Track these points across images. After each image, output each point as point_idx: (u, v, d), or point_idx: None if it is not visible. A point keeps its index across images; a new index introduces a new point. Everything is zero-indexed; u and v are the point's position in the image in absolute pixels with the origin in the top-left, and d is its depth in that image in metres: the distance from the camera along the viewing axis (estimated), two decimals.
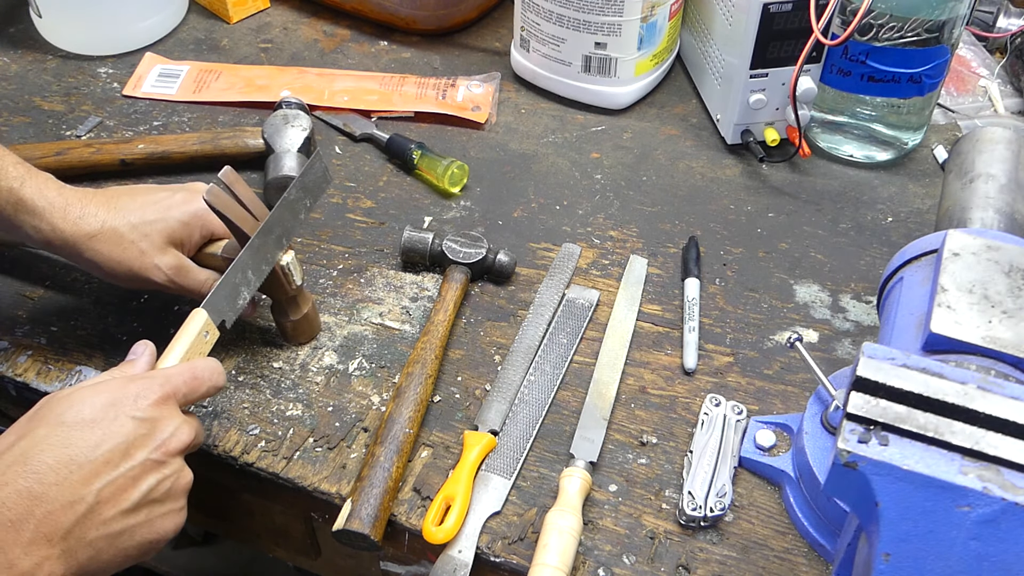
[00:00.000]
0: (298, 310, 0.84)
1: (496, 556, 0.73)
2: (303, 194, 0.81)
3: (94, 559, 0.59)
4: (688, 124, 1.10)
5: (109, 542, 0.60)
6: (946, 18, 0.91)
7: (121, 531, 0.60)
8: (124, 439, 0.61)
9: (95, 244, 0.76)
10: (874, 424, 0.54)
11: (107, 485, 0.59)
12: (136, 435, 0.61)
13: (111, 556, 0.60)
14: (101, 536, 0.59)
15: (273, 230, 0.78)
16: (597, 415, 0.81)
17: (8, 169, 0.75)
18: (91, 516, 0.58)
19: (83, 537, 0.58)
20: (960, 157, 0.80)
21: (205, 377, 0.68)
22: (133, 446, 0.61)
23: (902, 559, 0.53)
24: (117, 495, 0.60)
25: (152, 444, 0.62)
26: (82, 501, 0.58)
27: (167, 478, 0.63)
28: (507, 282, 0.93)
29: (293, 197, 0.80)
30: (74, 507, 0.58)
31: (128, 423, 0.61)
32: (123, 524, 0.60)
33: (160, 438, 0.62)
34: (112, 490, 0.59)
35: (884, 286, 0.76)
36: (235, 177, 0.77)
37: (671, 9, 1.05)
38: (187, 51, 1.18)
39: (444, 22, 1.19)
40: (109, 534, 0.59)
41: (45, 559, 0.56)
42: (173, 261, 0.78)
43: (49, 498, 0.57)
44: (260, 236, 0.77)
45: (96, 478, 0.59)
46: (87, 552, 0.58)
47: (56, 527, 0.57)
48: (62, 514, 0.57)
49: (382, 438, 0.76)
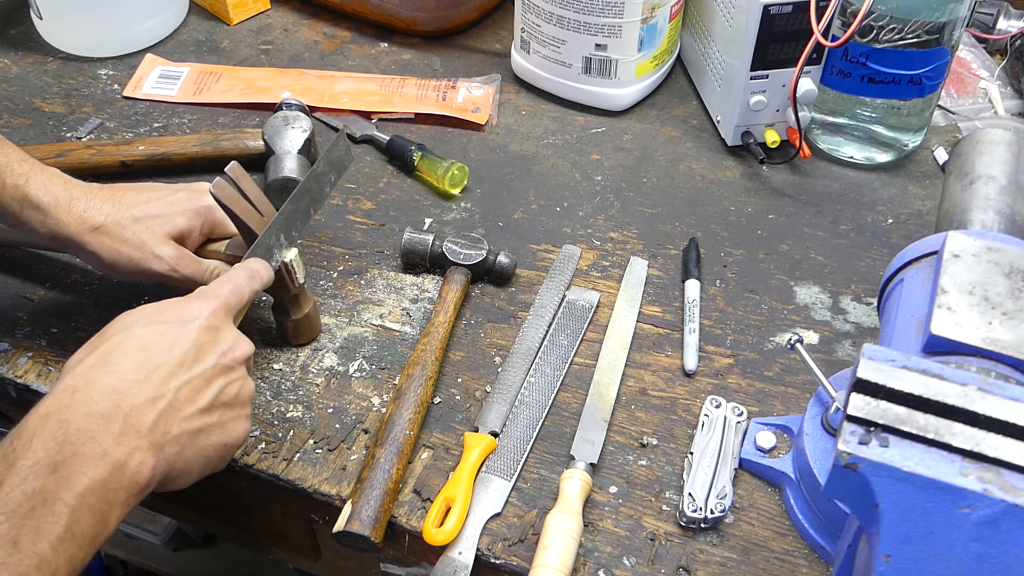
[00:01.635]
0: (299, 309, 0.84)
1: (496, 558, 0.73)
2: (329, 168, 0.85)
3: (179, 456, 0.62)
4: (688, 126, 1.10)
5: (190, 439, 0.63)
6: (946, 20, 0.92)
7: (200, 429, 0.63)
8: (193, 344, 0.64)
9: (98, 236, 0.77)
10: (874, 426, 0.54)
11: (184, 384, 0.63)
12: (203, 341, 0.65)
13: (193, 455, 0.63)
14: (183, 432, 0.62)
15: (303, 198, 0.82)
16: (597, 417, 0.81)
17: (13, 166, 0.76)
18: (172, 412, 0.62)
19: (168, 431, 0.61)
20: (960, 159, 0.80)
21: (244, 284, 0.72)
22: (202, 351, 0.65)
23: (902, 561, 0.53)
24: (193, 394, 0.63)
25: (219, 350, 0.66)
26: (163, 397, 0.61)
27: (233, 382, 0.66)
28: (507, 284, 0.93)
29: (321, 170, 0.83)
30: (156, 403, 0.61)
31: (195, 330, 0.65)
32: (201, 422, 0.63)
33: (224, 346, 0.66)
34: (188, 390, 0.63)
35: (884, 288, 0.76)
36: (241, 172, 0.78)
37: (671, 11, 1.05)
38: (187, 53, 1.18)
39: (444, 24, 1.19)
40: (190, 430, 0.62)
41: (136, 449, 0.59)
42: (174, 251, 0.79)
43: (133, 393, 0.60)
44: (292, 202, 0.80)
45: (173, 377, 0.62)
46: (172, 447, 0.61)
47: (142, 420, 0.60)
48: (146, 408, 0.60)
49: (382, 440, 0.76)
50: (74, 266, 0.93)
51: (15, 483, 0.54)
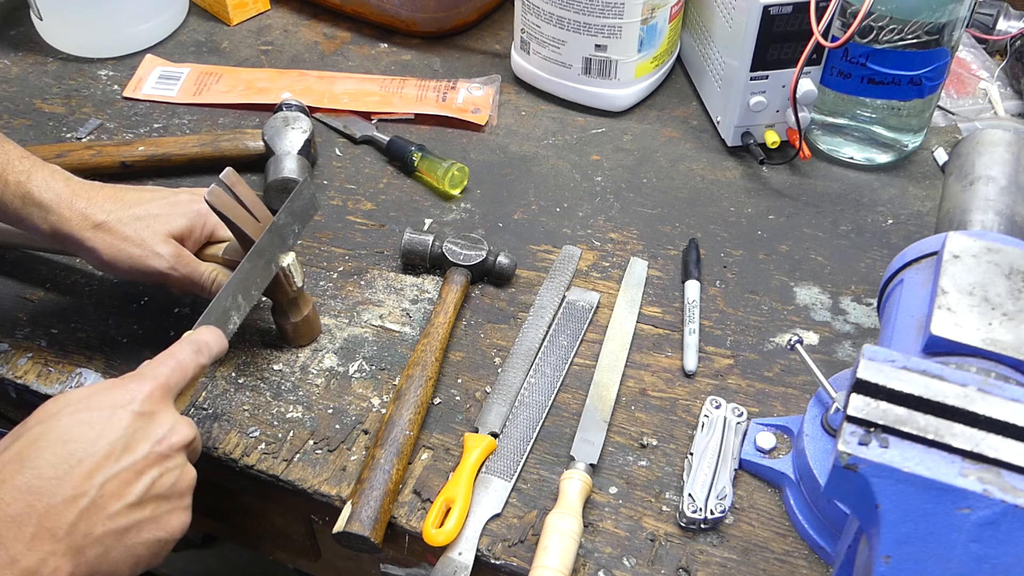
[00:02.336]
0: (298, 312, 0.84)
1: (496, 558, 0.73)
2: (292, 219, 0.81)
3: (103, 557, 0.58)
4: (688, 126, 1.10)
5: (117, 539, 0.58)
6: (946, 20, 0.92)
7: (128, 527, 0.59)
8: (123, 433, 0.60)
9: (98, 234, 0.77)
10: (874, 426, 0.54)
11: (110, 479, 0.58)
12: (135, 428, 0.60)
13: (120, 555, 0.59)
14: (108, 532, 0.58)
15: (263, 255, 0.78)
16: (597, 417, 0.81)
17: (14, 163, 0.76)
18: (95, 510, 0.57)
19: (89, 533, 0.57)
20: (960, 159, 0.80)
21: (188, 360, 0.67)
22: (133, 439, 0.60)
23: (902, 561, 0.53)
24: (121, 488, 0.59)
25: (153, 437, 0.61)
26: (85, 495, 0.57)
27: (170, 471, 0.62)
28: (507, 284, 0.93)
29: (282, 222, 0.79)
30: (77, 501, 0.56)
31: (126, 417, 0.60)
32: (129, 519, 0.59)
33: (160, 432, 0.62)
34: (116, 484, 0.58)
35: (884, 288, 0.76)
36: (236, 178, 0.78)
37: (671, 11, 1.05)
38: (187, 53, 1.18)
39: (444, 24, 1.19)
40: (116, 529, 0.58)
41: (50, 555, 0.55)
42: (174, 250, 0.79)
43: (50, 492, 0.56)
44: (249, 260, 0.76)
45: (98, 471, 0.58)
46: (95, 550, 0.57)
47: (59, 522, 0.55)
48: (65, 508, 0.56)
49: (382, 440, 0.76)
50: (74, 267, 0.93)
51: None
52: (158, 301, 0.90)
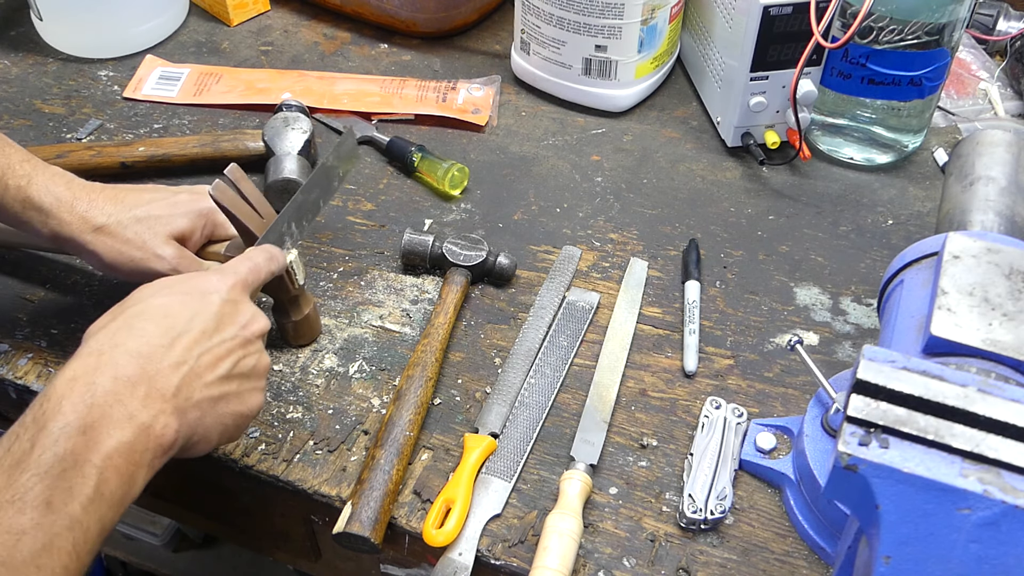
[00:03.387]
0: (299, 311, 0.84)
1: (496, 559, 0.73)
2: (338, 162, 0.86)
3: (199, 421, 0.63)
4: (688, 127, 1.10)
5: (211, 405, 0.64)
6: (946, 21, 0.92)
7: (219, 396, 0.65)
8: (214, 315, 0.66)
9: (99, 237, 0.78)
10: (874, 427, 0.54)
11: (205, 352, 0.64)
12: (224, 313, 0.67)
13: (212, 421, 0.65)
14: (204, 398, 0.64)
15: (313, 190, 0.83)
16: (597, 418, 0.81)
17: (15, 167, 0.76)
18: (194, 378, 0.63)
19: (190, 396, 0.62)
20: (960, 160, 0.80)
21: (262, 264, 0.74)
22: (222, 322, 0.66)
23: (902, 562, 0.53)
24: (214, 362, 0.65)
25: (239, 322, 0.67)
26: (186, 363, 0.63)
27: (251, 355, 0.68)
28: (507, 285, 0.93)
29: (330, 163, 0.84)
30: (179, 368, 0.62)
31: (216, 301, 0.67)
32: (220, 390, 0.65)
33: (243, 319, 0.68)
34: (210, 358, 0.64)
35: (884, 289, 0.76)
36: (241, 174, 0.78)
37: (671, 12, 1.05)
38: (187, 54, 1.18)
39: (444, 25, 1.19)
40: (211, 397, 0.64)
41: (160, 412, 0.60)
42: (175, 251, 0.79)
43: (157, 358, 0.62)
44: (303, 193, 0.82)
45: (196, 344, 0.64)
46: (194, 413, 0.63)
47: (167, 384, 0.61)
48: (170, 373, 0.62)
49: (382, 441, 0.76)
50: (74, 267, 0.93)
51: (47, 445, 0.56)
52: None
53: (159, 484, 0.64)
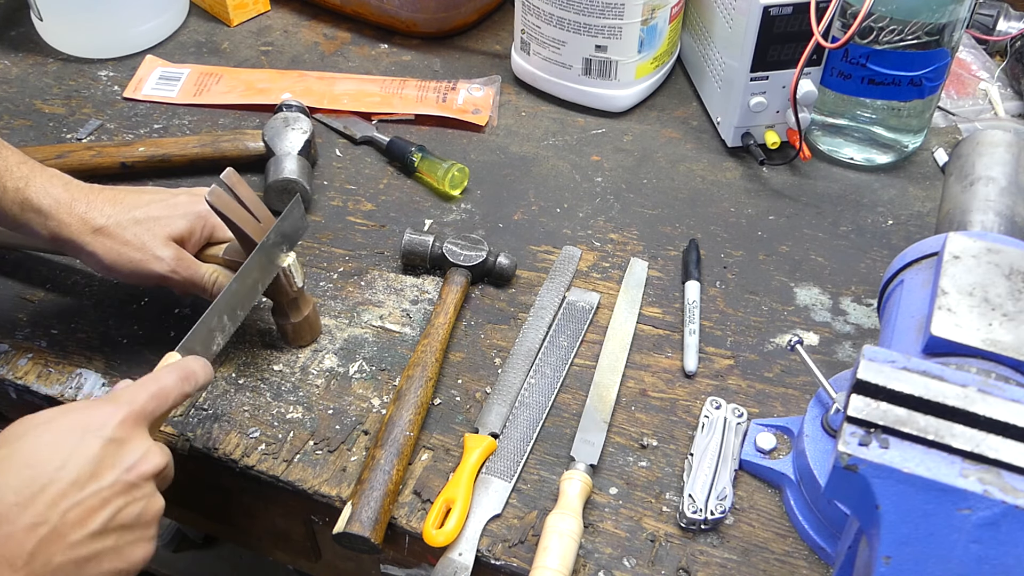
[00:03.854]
0: (299, 312, 0.84)
1: (496, 559, 0.73)
2: (281, 239, 0.80)
3: None
4: (688, 127, 1.10)
5: (76, 568, 0.56)
6: (946, 21, 0.92)
7: (88, 556, 0.57)
8: (91, 460, 0.58)
9: (98, 238, 0.77)
10: (874, 427, 0.54)
11: (74, 507, 0.56)
12: (104, 456, 0.59)
13: None
14: (67, 561, 0.56)
15: (250, 275, 0.77)
16: (597, 418, 0.81)
17: (12, 169, 0.76)
18: (56, 539, 0.55)
19: (48, 561, 0.55)
20: (960, 160, 0.80)
21: (171, 387, 0.65)
22: (102, 467, 0.58)
23: (902, 562, 0.53)
24: (84, 517, 0.57)
25: (122, 466, 0.59)
26: (46, 523, 0.55)
27: (137, 501, 0.60)
28: (507, 285, 0.93)
29: (271, 242, 0.78)
30: (38, 529, 0.55)
31: (95, 443, 0.58)
32: (90, 549, 0.57)
33: (130, 460, 0.60)
34: (79, 512, 0.57)
35: (884, 289, 0.76)
36: (237, 179, 0.78)
37: (671, 12, 1.05)
38: (187, 54, 1.18)
39: (444, 25, 1.19)
40: (76, 559, 0.56)
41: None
42: (174, 252, 0.79)
43: (11, 519, 0.55)
44: (237, 281, 0.75)
45: (62, 499, 0.56)
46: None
47: (19, 549, 0.54)
48: (25, 536, 0.54)
49: (382, 441, 0.76)
50: (74, 268, 0.93)
51: None
52: (158, 302, 0.90)
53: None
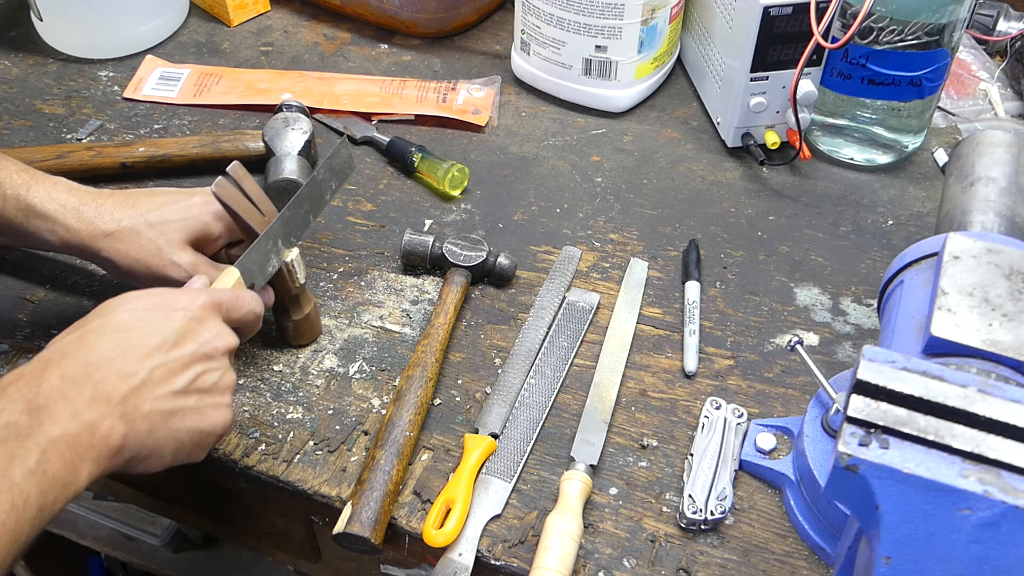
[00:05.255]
0: (300, 310, 0.84)
1: (496, 559, 0.73)
2: (330, 175, 0.84)
3: (149, 434, 0.63)
4: (688, 127, 1.10)
5: (163, 419, 0.63)
6: (946, 21, 0.92)
7: (173, 410, 0.64)
8: (175, 331, 0.65)
9: (112, 242, 0.77)
10: (874, 427, 0.54)
11: (159, 366, 0.64)
12: (185, 330, 0.66)
13: (164, 435, 0.64)
14: (155, 411, 0.63)
15: (303, 204, 0.81)
16: (597, 418, 0.81)
17: (12, 176, 0.76)
18: (144, 389, 0.62)
19: (139, 406, 0.62)
20: (960, 160, 0.80)
21: (246, 300, 0.72)
22: (183, 337, 0.66)
23: (903, 562, 0.53)
24: (168, 376, 0.64)
25: (200, 339, 0.66)
26: (136, 375, 0.62)
27: (213, 371, 0.67)
28: (507, 285, 0.93)
29: (321, 177, 0.83)
30: (129, 378, 0.62)
31: (180, 318, 0.66)
32: (174, 404, 0.64)
33: (206, 336, 0.67)
34: (163, 371, 0.64)
35: (884, 289, 0.76)
36: (243, 172, 0.78)
37: (671, 12, 1.05)
38: (188, 54, 1.18)
39: (444, 25, 1.19)
40: (163, 410, 0.63)
41: (106, 415, 0.60)
42: (191, 258, 0.78)
43: (105, 367, 0.61)
44: (291, 208, 0.79)
45: (149, 358, 0.63)
46: (143, 424, 0.62)
47: (113, 391, 0.61)
48: (118, 381, 0.61)
49: (382, 441, 0.76)
50: (75, 267, 0.93)
51: None
52: None
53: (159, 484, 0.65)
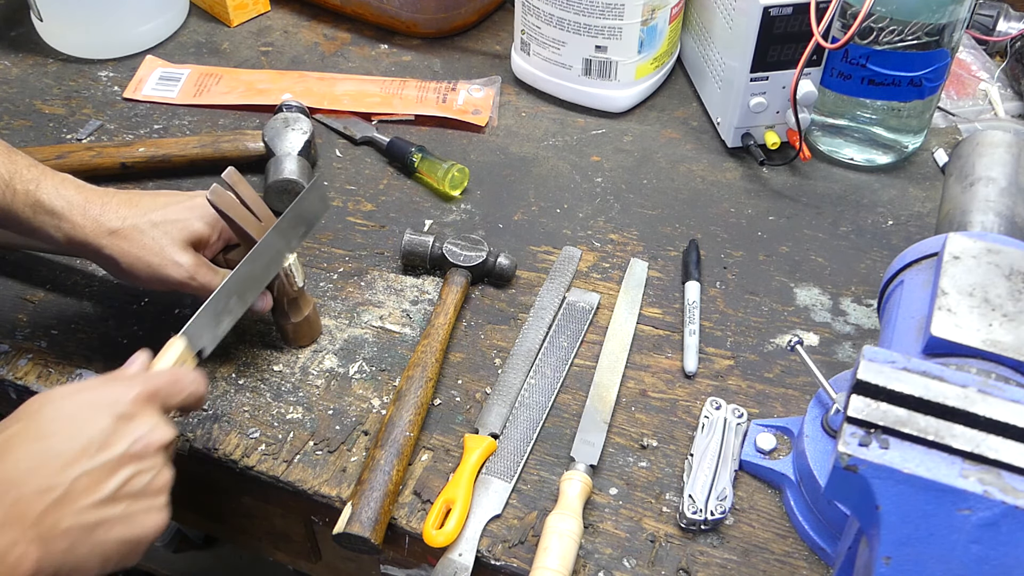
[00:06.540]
0: (299, 312, 0.84)
1: (496, 559, 0.73)
2: (297, 221, 0.79)
3: (70, 552, 0.58)
4: (688, 127, 1.10)
5: (85, 533, 0.58)
6: (946, 22, 0.92)
7: (97, 523, 0.59)
8: (102, 432, 0.60)
9: (115, 241, 0.76)
10: (874, 427, 0.54)
11: (83, 474, 0.59)
12: (115, 429, 0.61)
13: (88, 550, 0.59)
14: (76, 526, 0.58)
15: (261, 258, 0.77)
16: (597, 418, 0.81)
17: (22, 171, 0.75)
18: (65, 503, 0.58)
19: (57, 524, 0.57)
20: (960, 160, 0.80)
21: (186, 383, 0.67)
22: (111, 438, 0.60)
23: (903, 562, 0.53)
24: (93, 485, 0.59)
25: (131, 438, 0.61)
26: (56, 488, 0.57)
27: (145, 471, 0.62)
28: (507, 285, 0.93)
29: (285, 225, 0.78)
30: (47, 493, 0.57)
31: (107, 417, 0.61)
32: (99, 515, 0.59)
33: (139, 432, 0.62)
34: (88, 480, 0.59)
35: (885, 289, 0.76)
36: (238, 178, 0.77)
37: (671, 12, 1.05)
38: (188, 54, 1.18)
39: (444, 25, 1.19)
40: (85, 524, 0.58)
41: (18, 540, 0.56)
42: (192, 259, 0.78)
43: (22, 482, 0.57)
44: (248, 263, 0.75)
45: (71, 467, 0.58)
46: (62, 542, 0.57)
47: (28, 511, 0.56)
48: (35, 499, 0.57)
49: (382, 441, 0.76)
50: (74, 268, 0.93)
51: None
52: (159, 303, 0.90)
53: None
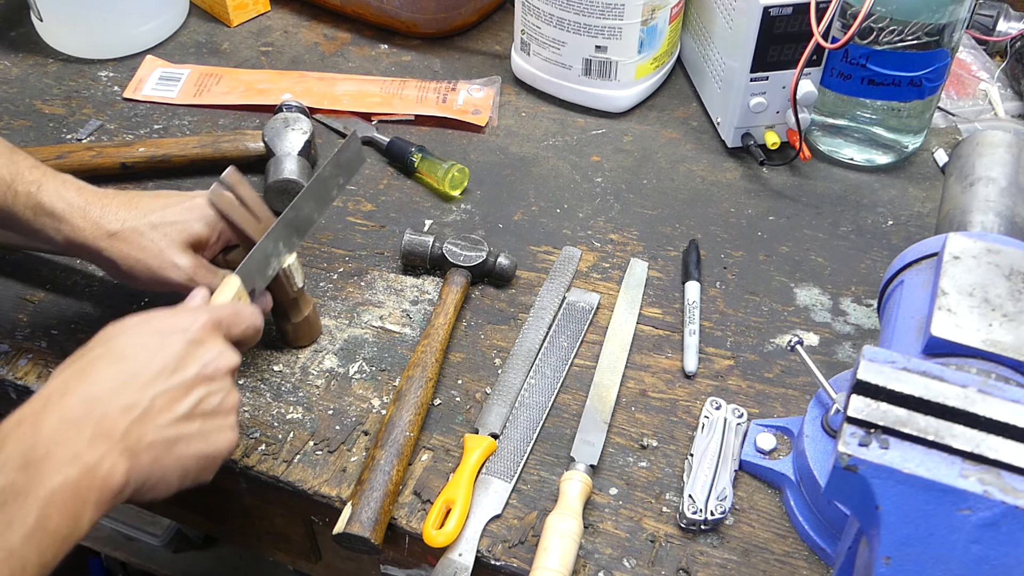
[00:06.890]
0: (299, 313, 0.84)
1: (496, 559, 0.73)
2: (337, 171, 0.82)
3: (154, 463, 0.62)
4: (688, 127, 1.10)
5: (166, 448, 0.63)
6: (946, 22, 0.92)
7: (177, 438, 0.63)
8: (175, 355, 0.65)
9: (115, 243, 0.76)
10: (875, 427, 0.54)
11: (161, 394, 0.63)
12: (185, 352, 0.65)
13: (170, 463, 0.63)
14: (159, 440, 0.62)
15: (306, 204, 0.80)
16: (597, 418, 0.81)
17: (24, 173, 0.75)
18: (147, 420, 0.62)
19: (141, 438, 0.61)
20: (960, 160, 0.80)
21: (246, 315, 0.72)
22: (184, 361, 0.65)
23: (903, 562, 0.53)
24: (171, 403, 0.63)
25: (201, 360, 0.66)
26: (137, 406, 0.61)
27: (215, 393, 0.66)
28: (507, 285, 0.93)
29: (327, 174, 0.81)
30: (130, 410, 0.61)
31: (179, 341, 0.65)
32: (178, 431, 0.63)
33: (207, 357, 0.66)
34: (165, 399, 0.63)
35: (885, 289, 0.76)
36: (238, 178, 0.77)
37: (672, 12, 1.05)
38: (188, 54, 1.18)
39: (444, 26, 1.19)
40: (166, 439, 0.62)
41: (108, 453, 0.59)
42: (192, 261, 0.78)
43: (106, 401, 0.61)
44: (293, 209, 0.78)
45: (150, 386, 0.63)
46: (147, 455, 0.61)
47: (114, 426, 0.60)
48: (119, 416, 0.61)
49: (382, 441, 0.76)
50: (74, 268, 0.93)
51: None
52: (158, 302, 0.90)
53: None
